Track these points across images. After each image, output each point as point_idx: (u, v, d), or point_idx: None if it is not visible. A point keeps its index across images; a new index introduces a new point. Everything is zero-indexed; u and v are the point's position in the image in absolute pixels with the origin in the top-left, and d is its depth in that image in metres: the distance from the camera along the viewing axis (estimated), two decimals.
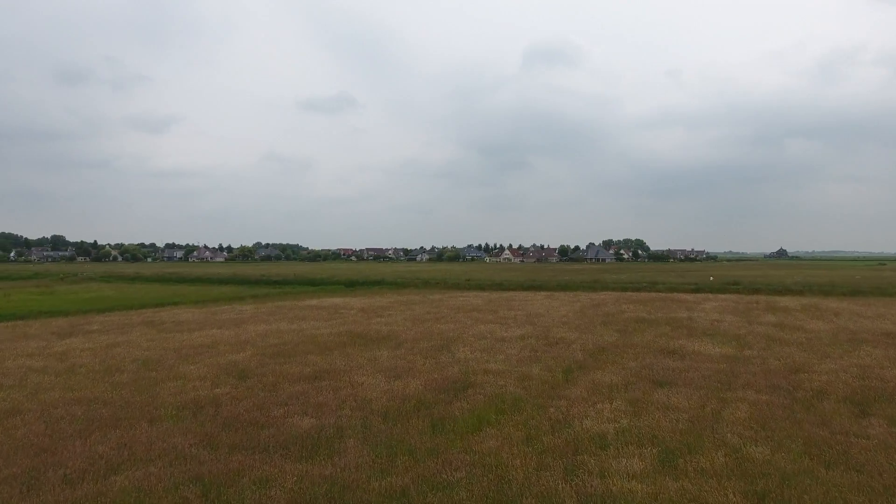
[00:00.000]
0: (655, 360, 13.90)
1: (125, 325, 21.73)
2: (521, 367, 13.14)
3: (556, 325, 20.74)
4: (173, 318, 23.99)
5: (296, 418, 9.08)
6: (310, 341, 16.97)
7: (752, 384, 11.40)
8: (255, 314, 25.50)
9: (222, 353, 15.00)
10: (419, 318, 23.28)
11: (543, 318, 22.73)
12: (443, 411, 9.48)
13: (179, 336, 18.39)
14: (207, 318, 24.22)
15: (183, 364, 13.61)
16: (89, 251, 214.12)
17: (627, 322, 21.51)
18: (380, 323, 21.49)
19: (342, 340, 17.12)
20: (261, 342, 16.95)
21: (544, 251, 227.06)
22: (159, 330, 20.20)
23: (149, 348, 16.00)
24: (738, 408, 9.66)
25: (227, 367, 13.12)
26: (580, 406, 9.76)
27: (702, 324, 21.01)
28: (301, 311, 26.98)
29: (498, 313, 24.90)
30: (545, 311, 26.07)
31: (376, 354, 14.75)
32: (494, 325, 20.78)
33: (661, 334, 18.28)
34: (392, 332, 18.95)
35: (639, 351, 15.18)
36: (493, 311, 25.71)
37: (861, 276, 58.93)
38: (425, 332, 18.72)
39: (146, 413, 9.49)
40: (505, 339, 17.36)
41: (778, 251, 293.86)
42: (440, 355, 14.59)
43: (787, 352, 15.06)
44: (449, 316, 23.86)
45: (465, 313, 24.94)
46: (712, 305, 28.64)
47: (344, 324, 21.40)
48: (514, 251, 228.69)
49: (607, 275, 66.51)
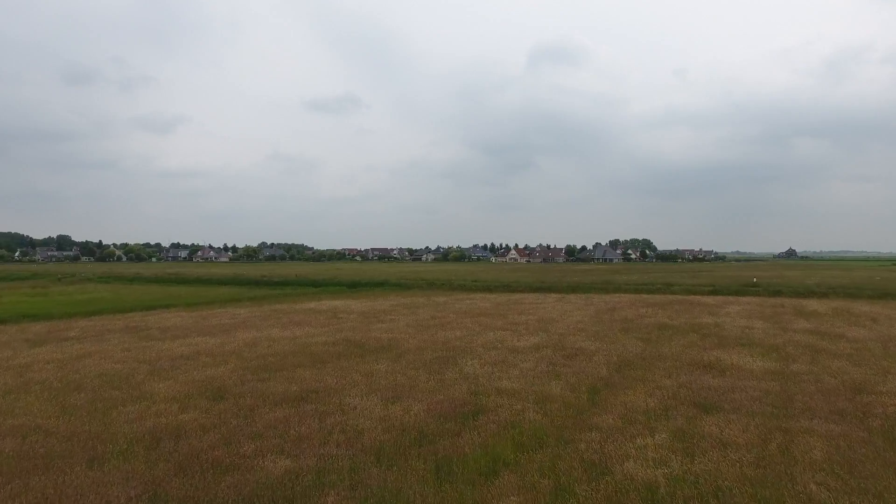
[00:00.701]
0: (692, 376, 12.16)
1: (106, 332, 20.16)
2: (539, 384, 11.44)
3: (572, 332, 19.02)
4: (160, 324, 22.40)
5: (269, 458, 7.40)
6: (302, 351, 15.32)
7: (814, 409, 9.65)
8: (249, 318, 23.89)
9: (201, 367, 13.36)
10: (423, 323, 21.61)
11: (557, 325, 21.00)
12: (449, 447, 7.80)
13: (159, 345, 16.78)
14: (196, 323, 22.63)
15: (153, 380, 11.97)
16: (94, 251, 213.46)
17: (649, 329, 19.76)
18: (380, 329, 19.83)
19: (337, 351, 15.46)
20: (247, 352, 15.31)
21: (551, 251, 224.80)
22: (140, 337, 18.60)
23: (121, 360, 14.38)
24: (809, 443, 7.93)
25: (203, 385, 11.48)
26: (616, 440, 8.05)
27: (731, 331, 19.23)
28: (298, 315, 25.35)
29: (507, 318, 23.19)
30: (558, 315, 24.35)
31: (374, 368, 13.08)
32: (505, 332, 19.08)
33: (690, 344, 16.52)
34: (393, 340, 17.29)
35: (670, 365, 13.44)
36: (503, 316, 24.00)
37: (881, 278, 56.81)
38: (429, 341, 17.04)
39: (90, 449, 7.84)
40: (517, 349, 15.65)
41: (787, 251, 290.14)
42: (445, 369, 12.91)
43: (839, 366, 13.28)
44: (455, 321, 22.16)
45: (472, 318, 23.24)
46: (736, 310, 26.82)
47: (341, 330, 19.74)
48: (520, 251, 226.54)
49: (618, 275, 64.57)
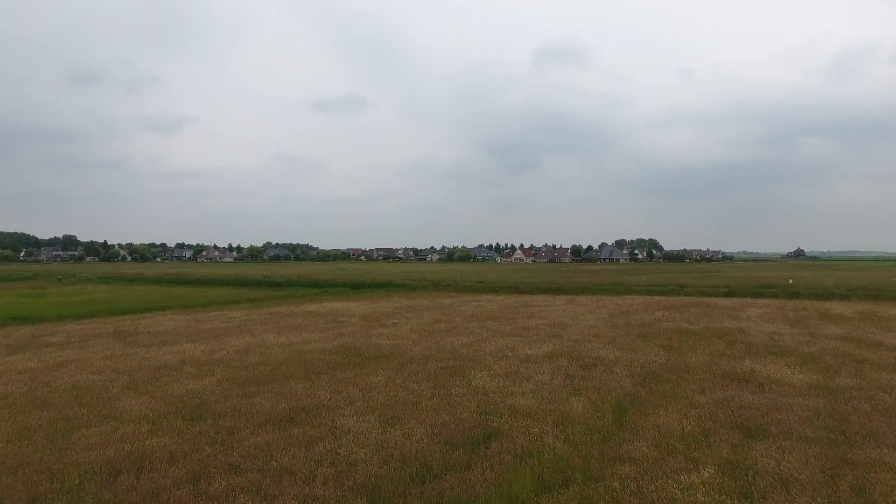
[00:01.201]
0: (728, 392, 10.89)
1: (92, 337, 19.04)
2: (557, 402, 10.20)
3: (588, 338, 17.75)
4: (151, 328, 21.28)
5: (240, 501, 6.20)
6: (295, 360, 14.12)
7: (877, 434, 8.37)
8: (244, 322, 22.73)
9: (184, 379, 12.18)
10: (427, 328, 20.39)
11: (570, 330, 19.74)
12: (457, 485, 6.58)
13: (144, 352, 15.63)
14: (189, 327, 21.49)
15: (127, 395, 10.80)
16: (99, 251, 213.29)
17: (669, 335, 18.46)
18: (382, 335, 18.62)
19: (334, 359, 14.26)
20: (237, 361, 14.13)
21: (556, 251, 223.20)
22: (126, 343, 17.46)
23: (99, 370, 13.22)
24: (886, 481, 6.66)
25: (181, 401, 10.29)
26: (655, 476, 6.80)
27: (758, 337, 17.91)
28: (296, 318, 24.18)
29: (517, 322, 21.94)
30: (570, 319, 23.07)
31: (373, 381, 11.86)
32: (515, 338, 17.84)
33: (718, 352, 15.22)
34: (395, 347, 16.07)
35: (700, 377, 12.17)
36: (512, 320, 22.75)
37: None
38: (434, 348, 15.82)
39: (34, 485, 6.66)
40: (530, 358, 14.41)
41: (795, 251, 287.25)
42: (452, 382, 11.68)
43: (889, 379, 11.96)
44: (462, 326, 20.93)
45: (479, 322, 22.01)
46: (757, 313, 25.46)
47: (341, 336, 18.55)
48: (525, 251, 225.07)
49: (626, 276, 63.18)
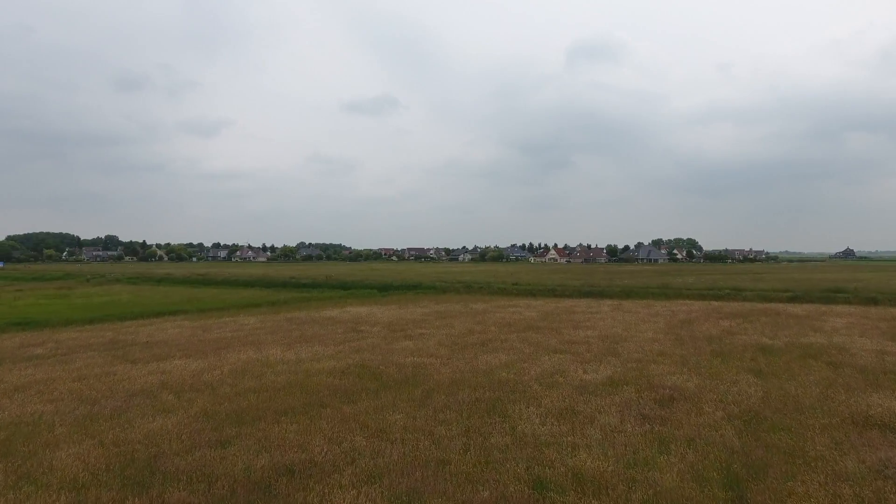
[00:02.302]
0: (880, 449, 7.80)
1: (81, 348, 16.93)
2: (639, 463, 7.32)
3: (651, 356, 14.73)
4: (151, 336, 19.13)
5: None
6: (298, 386, 11.56)
7: None
8: (255, 331, 20.41)
9: (153, 412, 9.72)
10: (459, 340, 17.64)
11: (628, 345, 16.71)
12: None
13: (126, 371, 13.31)
14: (193, 336, 19.26)
15: (70, 439, 8.36)
16: (138, 251, 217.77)
17: (751, 353, 15.27)
18: (406, 350, 15.96)
19: (345, 385, 11.65)
20: (227, 386, 11.65)
21: (591, 251, 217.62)
22: (115, 357, 15.24)
23: (60, 397, 10.89)
24: None
25: (131, 453, 7.79)
26: None
27: (865, 358, 14.56)
28: (313, 326, 21.75)
29: (562, 334, 19.00)
30: (623, 330, 20.01)
31: (388, 421, 9.17)
32: (563, 355, 14.93)
33: (826, 381, 12.00)
34: (420, 367, 13.38)
35: (824, 422, 9.07)
36: (556, 331, 19.82)
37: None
38: (467, 369, 13.07)
39: None
40: (587, 386, 11.51)
41: (845, 251, 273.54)
42: (491, 426, 8.90)
43: None
44: (498, 338, 18.11)
45: (518, 333, 19.15)
46: (842, 324, 21.88)
47: (358, 350, 15.96)
48: (559, 251, 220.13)
49: (671, 277, 59.17)
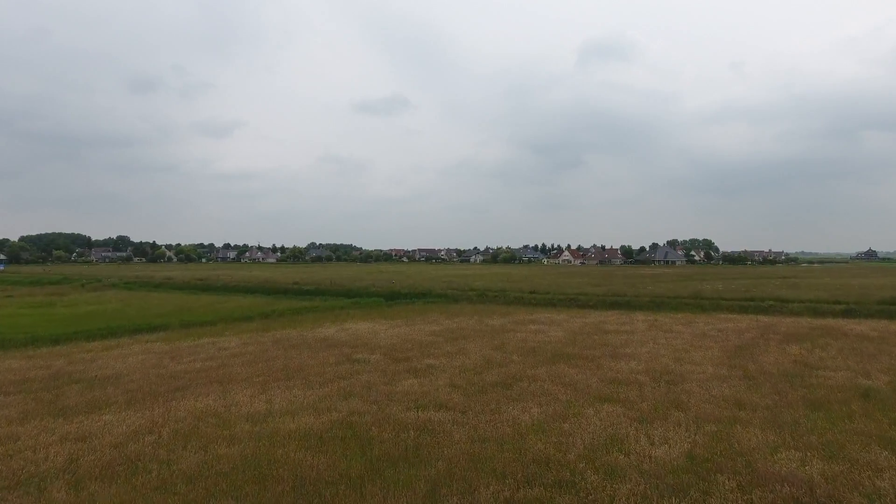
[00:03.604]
0: None
1: (12, 385, 13.73)
2: None
3: (729, 409, 11.23)
4: (103, 369, 15.96)
5: None
6: (252, 468, 8.24)
7: None
8: (232, 359, 17.17)
9: None
10: (475, 378, 14.24)
11: (689, 387, 13.21)
12: None
13: (39, 431, 10.05)
14: (155, 367, 16.04)
15: None
16: (147, 252, 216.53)
17: (859, 404, 11.71)
18: (408, 395, 12.58)
19: (318, 467, 8.29)
20: (155, 466, 8.34)
21: (606, 252, 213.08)
22: (40, 403, 12.01)
23: None
24: None
25: None
26: None
27: None
28: (302, 352, 18.47)
29: (601, 367, 15.53)
30: (673, 360, 16.51)
31: None
32: (612, 405, 11.48)
33: None
34: (425, 429, 10.00)
35: None
36: (591, 361, 16.36)
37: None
38: (489, 437, 9.66)
39: None
40: (661, 468, 8.05)
41: (867, 252, 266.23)
42: None
43: None
44: (524, 374, 14.67)
45: (547, 366, 15.71)
46: None
47: (348, 394, 12.63)
48: (573, 252, 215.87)
49: (698, 283, 55.32)
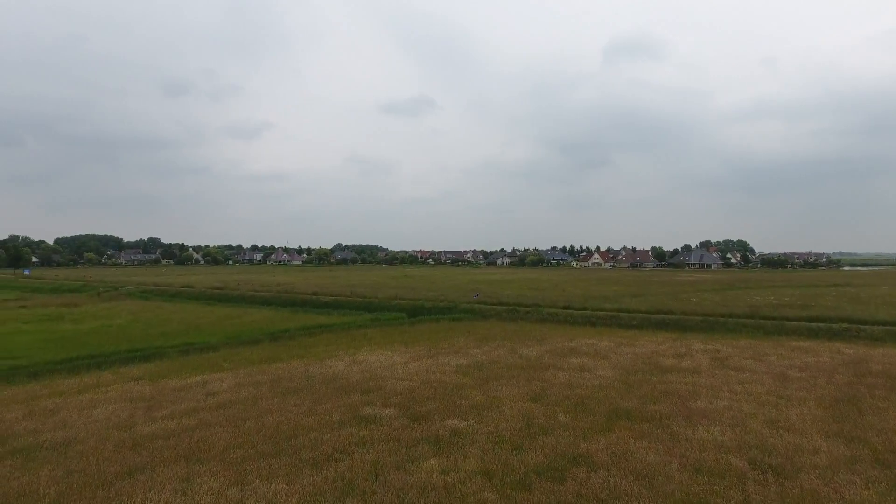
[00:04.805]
0: None
1: None
2: None
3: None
4: (57, 429, 13.16)
5: None
6: None
7: None
8: (216, 414, 14.21)
9: None
10: (513, 459, 10.91)
11: (804, 479, 9.65)
12: None
13: None
14: (114, 430, 13.15)
15: None
16: (175, 254, 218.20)
17: None
18: (427, 490, 9.32)
19: None
20: None
21: (637, 254, 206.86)
22: None
23: None
24: None
25: None
26: None
27: None
28: (302, 402, 15.39)
29: (675, 436, 12.05)
30: (764, 421, 12.94)
31: None
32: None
33: None
34: None
35: None
36: (661, 423, 12.87)
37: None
38: None
39: None
40: None
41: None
42: None
43: None
44: (576, 450, 11.26)
45: (605, 437, 12.27)
46: None
47: (348, 490, 9.45)
48: (603, 255, 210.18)
49: (741, 292, 50.92)
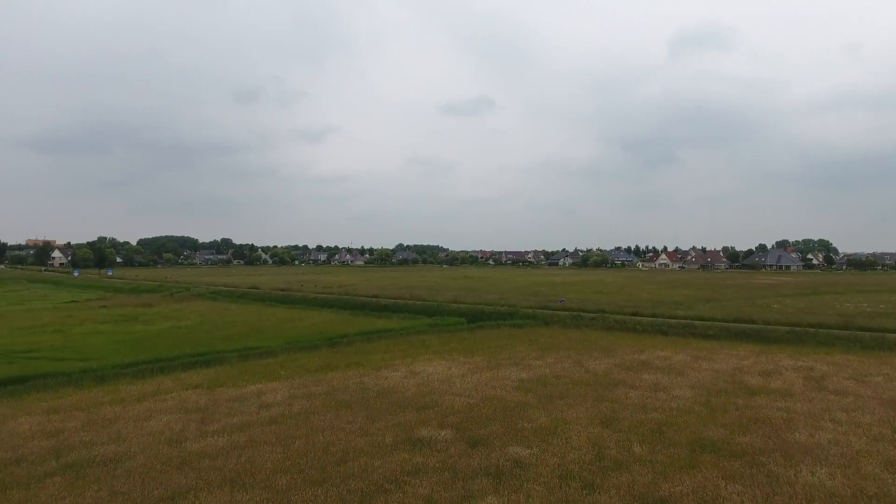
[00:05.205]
0: None
1: None
2: None
3: None
4: (111, 441, 12.97)
5: None
6: None
7: None
8: (267, 431, 13.69)
9: None
10: (582, 497, 9.64)
11: None
12: None
13: None
14: (165, 446, 12.82)
15: None
16: (245, 254, 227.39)
17: None
18: None
19: None
20: None
21: (708, 255, 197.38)
22: None
23: None
24: None
25: None
26: None
27: None
28: (355, 417, 14.65)
29: (774, 478, 10.39)
30: (880, 464, 11.04)
31: None
32: None
33: None
34: None
35: None
36: (754, 461, 11.20)
37: None
38: None
39: None
40: None
41: None
42: None
43: None
44: (658, 492, 9.84)
45: (690, 476, 10.73)
46: None
47: None
48: (671, 255, 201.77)
49: (829, 297, 46.67)
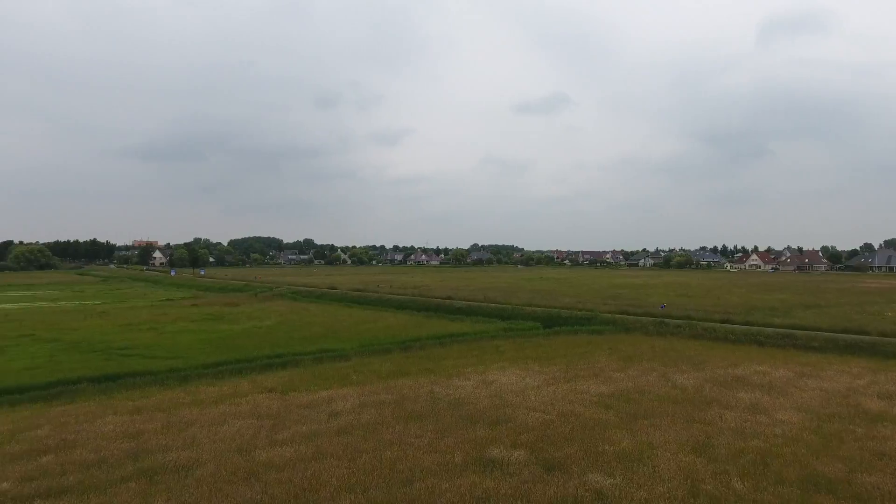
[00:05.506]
0: None
1: None
2: None
3: None
4: (184, 447, 12.99)
5: None
6: None
7: None
8: (334, 441, 13.29)
9: None
10: None
11: None
12: None
13: None
14: (234, 454, 12.67)
15: None
16: (325, 254, 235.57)
17: None
18: None
19: None
20: None
21: (805, 255, 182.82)
22: None
23: None
24: None
25: None
26: None
27: None
28: (424, 431, 13.97)
29: None
30: None
31: None
32: None
33: None
34: None
35: None
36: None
37: None
38: None
39: None
40: None
41: None
42: None
43: None
44: None
45: None
46: None
47: None
48: (762, 255, 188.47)
49: None
